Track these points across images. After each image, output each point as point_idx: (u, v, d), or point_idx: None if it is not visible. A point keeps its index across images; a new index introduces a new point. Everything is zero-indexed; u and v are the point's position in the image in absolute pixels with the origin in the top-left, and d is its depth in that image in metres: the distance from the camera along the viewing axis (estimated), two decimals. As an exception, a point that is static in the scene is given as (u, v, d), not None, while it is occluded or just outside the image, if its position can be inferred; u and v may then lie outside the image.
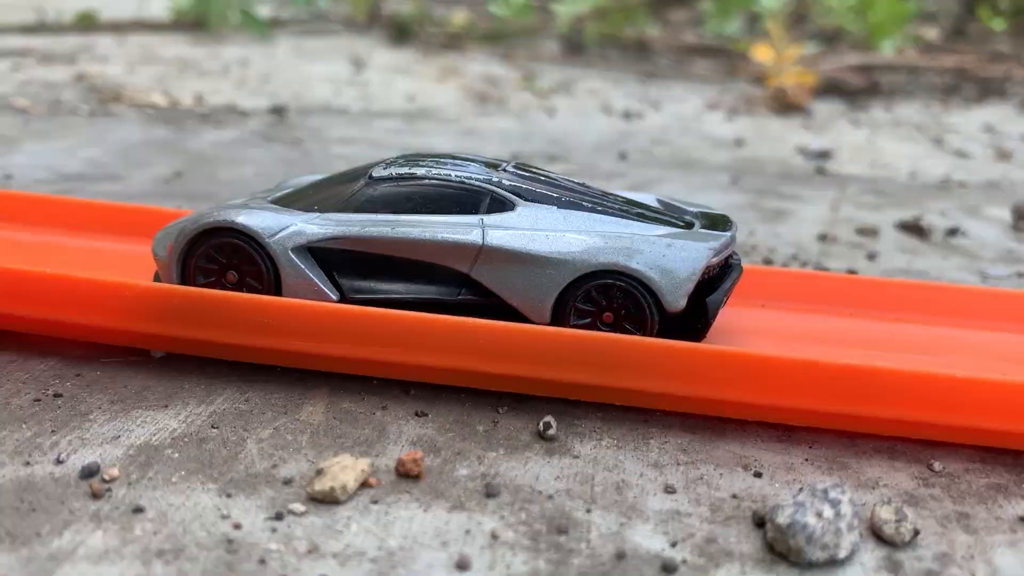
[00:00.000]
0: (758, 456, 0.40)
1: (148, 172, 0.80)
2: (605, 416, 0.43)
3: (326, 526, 0.34)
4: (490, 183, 0.44)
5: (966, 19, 2.12)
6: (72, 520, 0.34)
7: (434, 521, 0.35)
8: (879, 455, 0.41)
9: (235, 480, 0.37)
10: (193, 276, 0.44)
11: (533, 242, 0.42)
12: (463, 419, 0.42)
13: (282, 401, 0.43)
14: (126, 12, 1.92)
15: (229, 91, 1.22)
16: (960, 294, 0.52)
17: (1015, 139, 1.21)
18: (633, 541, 0.34)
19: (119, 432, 0.40)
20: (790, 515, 0.33)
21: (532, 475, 0.38)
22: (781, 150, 1.07)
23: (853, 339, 0.49)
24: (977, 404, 0.39)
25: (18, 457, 0.37)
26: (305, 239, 0.43)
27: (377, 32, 1.97)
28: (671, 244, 0.41)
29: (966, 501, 0.38)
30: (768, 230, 0.74)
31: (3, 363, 0.45)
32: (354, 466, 0.36)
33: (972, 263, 0.69)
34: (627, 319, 0.42)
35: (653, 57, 1.82)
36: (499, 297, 0.43)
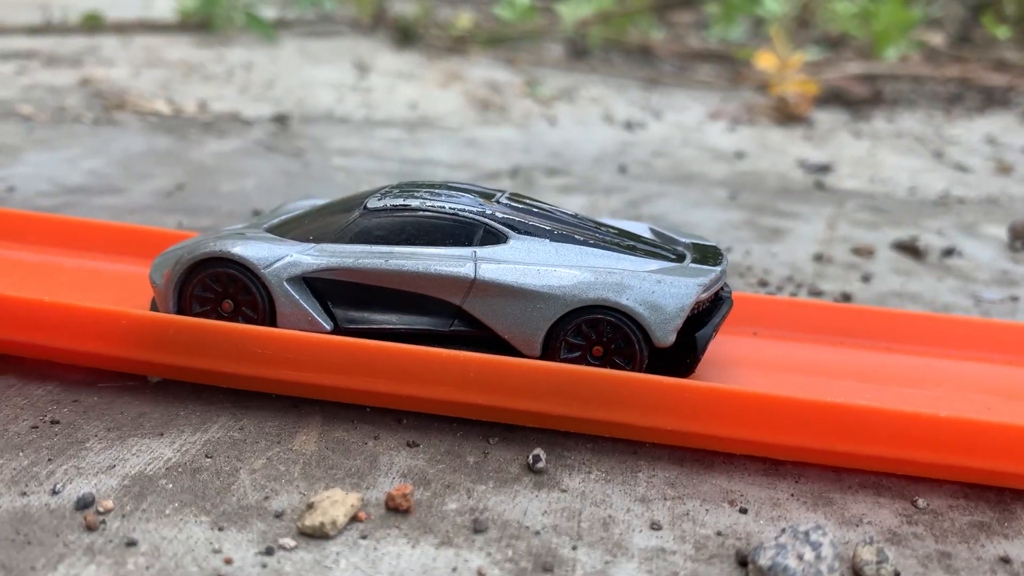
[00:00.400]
0: (744, 491, 0.41)
1: (150, 184, 0.81)
2: (595, 448, 0.44)
3: (315, 562, 0.35)
4: (483, 215, 0.44)
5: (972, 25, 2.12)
6: (67, 553, 0.34)
7: (422, 558, 0.35)
8: (864, 490, 0.42)
9: (227, 513, 0.37)
10: (189, 304, 0.45)
11: (525, 276, 0.42)
12: (454, 449, 0.43)
13: (276, 429, 0.43)
14: (132, 12, 1.92)
15: (233, 97, 1.22)
16: (949, 324, 0.53)
17: (1016, 151, 1.21)
18: (617, 580, 0.35)
19: (115, 461, 0.40)
20: (772, 557, 0.34)
21: (520, 510, 0.39)
22: (781, 163, 1.08)
23: (843, 370, 0.49)
24: (960, 443, 0.39)
25: (15, 487, 0.38)
26: (300, 270, 0.43)
27: (382, 34, 1.97)
28: (661, 280, 0.42)
29: (948, 540, 0.38)
30: (764, 250, 0.74)
31: (2, 388, 0.46)
32: (344, 500, 0.37)
33: (966, 285, 0.69)
34: (616, 353, 0.42)
35: (657, 63, 1.82)
36: (490, 329, 0.43)
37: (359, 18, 2.10)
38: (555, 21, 1.99)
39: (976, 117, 1.46)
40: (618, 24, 1.94)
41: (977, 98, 1.60)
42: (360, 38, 1.94)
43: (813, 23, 2.17)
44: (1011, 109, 1.53)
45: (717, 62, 1.84)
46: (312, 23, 2.03)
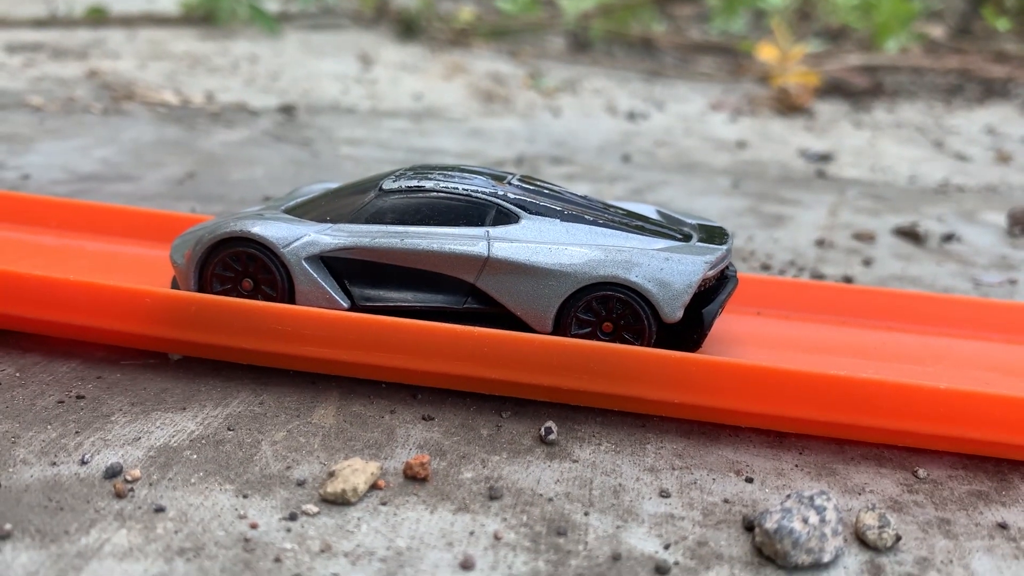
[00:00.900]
0: (750, 462, 0.42)
1: (161, 173, 0.82)
2: (604, 421, 0.45)
3: (338, 526, 0.36)
4: (496, 196, 0.45)
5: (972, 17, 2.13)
6: (98, 519, 0.36)
7: (440, 523, 0.37)
8: (866, 461, 0.43)
9: (251, 481, 0.39)
10: (210, 283, 0.46)
11: (536, 254, 0.43)
12: (468, 423, 0.44)
13: (295, 404, 0.45)
14: (136, 6, 1.94)
15: (239, 89, 1.24)
16: (949, 304, 0.54)
17: (1015, 141, 1.22)
18: (628, 543, 0.36)
19: (139, 434, 0.42)
20: (777, 521, 0.35)
21: (533, 478, 0.40)
22: (783, 153, 1.09)
23: (845, 347, 0.51)
24: (959, 415, 0.41)
25: (44, 457, 0.39)
26: (318, 249, 0.45)
27: (385, 27, 1.98)
28: (669, 258, 0.43)
29: (948, 507, 0.40)
30: (767, 236, 0.76)
31: (28, 365, 0.47)
32: (364, 469, 0.38)
33: (966, 269, 0.71)
34: (626, 329, 0.44)
35: (658, 55, 1.83)
36: (503, 306, 0.44)
37: (361, 11, 2.11)
38: (556, 14, 2.00)
39: (976, 108, 1.47)
40: (620, 17, 1.96)
41: (977, 89, 1.61)
42: (362, 31, 1.95)
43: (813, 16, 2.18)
44: (1010, 100, 1.54)
45: (718, 54, 1.85)
46: (314, 16, 2.04)
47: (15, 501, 0.36)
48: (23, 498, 0.37)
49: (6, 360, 0.47)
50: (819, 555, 0.35)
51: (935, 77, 1.68)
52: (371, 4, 2.11)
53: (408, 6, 2.04)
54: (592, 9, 1.92)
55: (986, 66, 1.69)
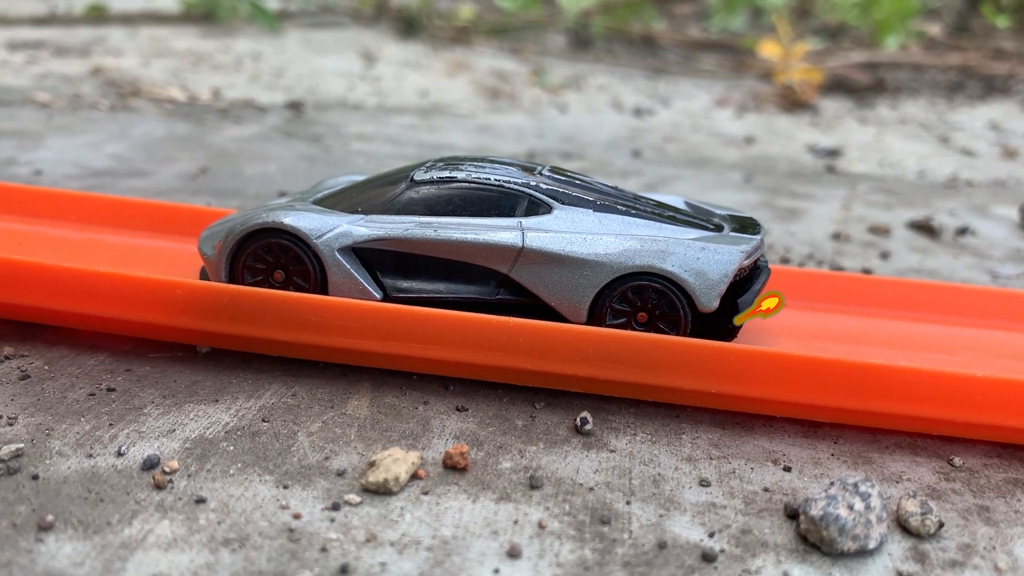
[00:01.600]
0: (786, 451, 0.42)
1: (174, 168, 0.81)
2: (638, 412, 0.45)
3: (381, 516, 0.36)
4: (528, 186, 0.45)
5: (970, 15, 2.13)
6: (139, 510, 0.35)
7: (483, 512, 0.36)
8: (901, 450, 0.43)
9: (290, 472, 0.38)
10: (241, 275, 0.46)
11: (571, 244, 0.43)
12: (502, 414, 0.44)
13: (328, 396, 0.45)
14: (135, 3, 1.93)
15: (244, 85, 1.23)
16: (974, 295, 0.54)
17: (1020, 137, 1.23)
18: (673, 532, 0.36)
19: (174, 426, 0.41)
20: (823, 508, 0.35)
21: (572, 468, 0.40)
22: (791, 148, 1.09)
23: (872, 338, 0.51)
24: (996, 402, 0.41)
25: (80, 449, 0.39)
26: (351, 240, 0.44)
27: (385, 25, 1.98)
28: (704, 247, 0.43)
29: (986, 495, 0.40)
30: (783, 229, 0.76)
31: (56, 359, 0.47)
32: (405, 459, 0.38)
33: (982, 262, 0.71)
34: (661, 319, 0.44)
35: (660, 52, 1.84)
36: (537, 297, 0.44)
37: (360, 9, 2.11)
38: (556, 12, 2.00)
39: (978, 104, 1.47)
40: (620, 14, 1.96)
41: (978, 86, 1.61)
42: (362, 29, 1.94)
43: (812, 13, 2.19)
44: (1012, 97, 1.55)
45: (719, 52, 1.85)
46: (314, 15, 2.03)
47: (55, 493, 0.36)
48: (62, 490, 0.36)
49: (33, 354, 0.47)
50: (864, 542, 0.35)
51: (936, 74, 1.68)
52: (371, 2, 2.10)
53: (408, 4, 2.03)
54: (592, 7, 1.92)
55: (987, 63, 1.69)
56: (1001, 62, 1.71)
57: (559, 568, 0.34)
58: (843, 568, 0.34)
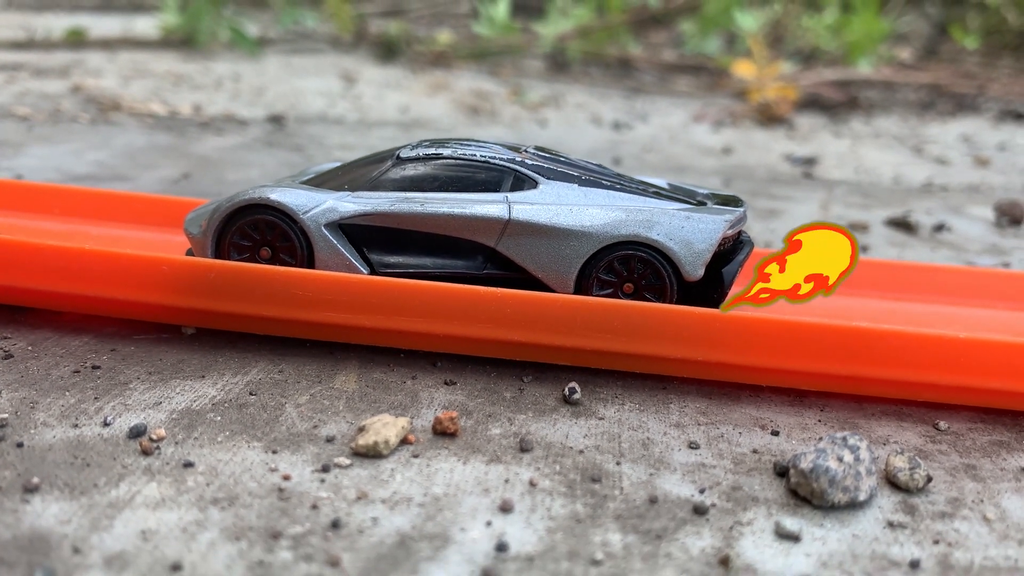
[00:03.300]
0: (773, 418, 0.43)
1: (156, 173, 0.81)
2: (625, 384, 0.45)
3: (372, 476, 0.36)
4: (514, 162, 0.46)
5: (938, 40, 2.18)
6: (126, 473, 0.35)
7: (474, 472, 0.36)
8: (887, 417, 0.43)
9: (278, 439, 0.38)
10: (228, 252, 0.46)
11: (557, 216, 0.44)
12: (490, 387, 0.44)
13: (315, 372, 0.44)
14: (114, 29, 1.93)
15: (225, 102, 1.24)
16: (951, 274, 0.55)
17: (991, 148, 1.25)
18: (664, 488, 0.36)
19: (160, 399, 0.41)
20: (812, 460, 0.35)
21: (562, 433, 0.40)
22: (767, 158, 1.10)
23: (858, 316, 0.51)
24: (979, 364, 0.41)
25: (65, 420, 0.39)
26: (338, 215, 0.45)
27: (364, 50, 1.99)
28: (689, 217, 0.44)
29: (972, 455, 0.40)
30: (763, 227, 0.77)
31: (40, 340, 0.46)
32: (395, 423, 0.38)
33: (960, 255, 0.72)
34: (647, 289, 0.44)
35: (636, 74, 1.86)
36: (524, 270, 0.44)
37: (339, 36, 2.12)
38: (534, 37, 2.02)
39: (949, 120, 1.50)
40: (596, 39, 1.98)
41: (948, 103, 1.64)
42: (342, 54, 1.95)
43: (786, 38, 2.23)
44: (981, 113, 1.58)
45: (694, 73, 1.88)
46: (293, 41, 2.05)
47: (39, 459, 0.36)
48: (48, 456, 0.36)
49: (17, 336, 0.46)
50: (855, 494, 0.35)
51: (908, 92, 1.71)
52: (350, 29, 2.12)
53: (387, 30, 2.05)
54: (568, 31, 1.95)
55: (956, 81, 1.73)
56: (970, 80, 1.75)
57: (551, 521, 0.33)
58: (835, 519, 0.35)
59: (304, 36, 2.11)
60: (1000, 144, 1.28)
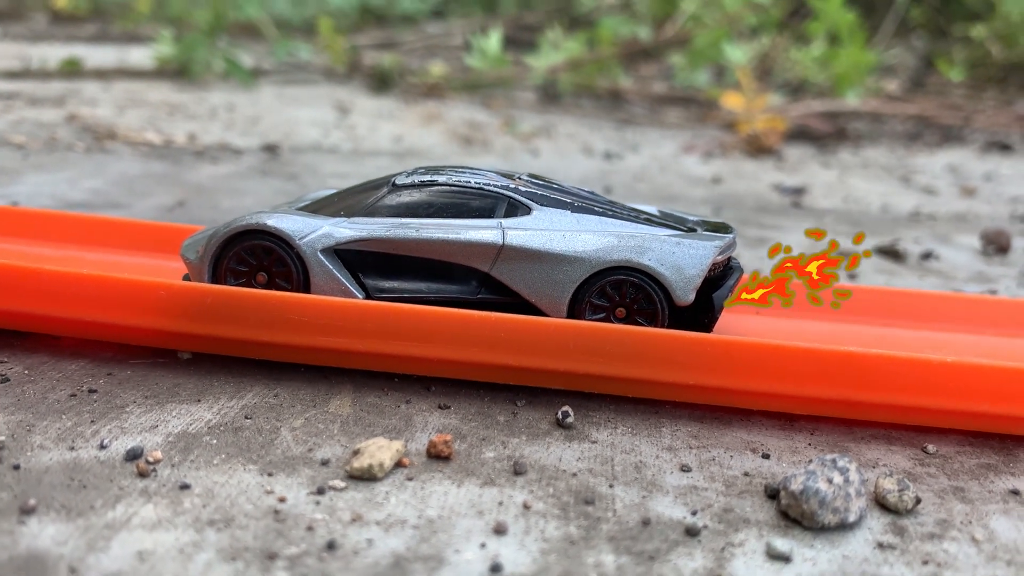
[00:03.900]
0: (764, 441, 0.43)
1: (151, 201, 0.82)
2: (617, 408, 0.45)
3: (366, 499, 0.36)
4: (507, 189, 0.46)
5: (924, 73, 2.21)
6: (122, 495, 0.35)
7: (468, 495, 0.37)
8: (876, 440, 0.44)
9: (274, 462, 0.38)
10: (224, 278, 0.46)
11: (551, 241, 0.44)
12: (484, 411, 0.44)
13: (310, 396, 0.45)
14: (109, 59, 1.95)
15: (219, 131, 1.24)
16: (939, 300, 0.55)
17: (977, 178, 1.26)
18: (656, 510, 0.36)
19: (156, 422, 0.41)
20: (803, 482, 0.36)
21: (555, 457, 0.40)
22: (756, 187, 1.12)
23: (846, 341, 0.52)
24: (967, 388, 0.42)
25: (62, 443, 0.39)
26: (334, 241, 0.45)
27: (357, 82, 2.01)
28: (680, 243, 0.44)
29: (960, 477, 0.41)
30: (753, 254, 0.77)
31: (36, 364, 0.46)
32: (389, 446, 0.38)
33: (947, 283, 0.73)
34: (639, 313, 0.44)
35: (626, 106, 1.88)
36: (518, 294, 0.45)
37: (333, 67, 2.14)
38: (525, 70, 2.04)
39: (936, 151, 1.52)
40: (587, 72, 2.00)
41: (935, 135, 1.66)
42: (336, 85, 1.97)
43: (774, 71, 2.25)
44: (967, 144, 1.60)
45: (684, 105, 1.90)
46: (287, 72, 2.06)
47: (36, 481, 0.36)
48: (44, 478, 0.36)
49: (13, 360, 0.47)
50: (845, 515, 0.35)
51: (895, 124, 1.73)
52: (343, 61, 2.14)
53: (380, 62, 2.07)
54: (559, 64, 1.97)
55: (942, 113, 1.75)
56: (956, 111, 1.77)
57: (545, 543, 0.34)
58: (825, 540, 0.35)
59: (298, 68, 2.12)
60: (986, 174, 1.30)
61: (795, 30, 2.23)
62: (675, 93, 2.00)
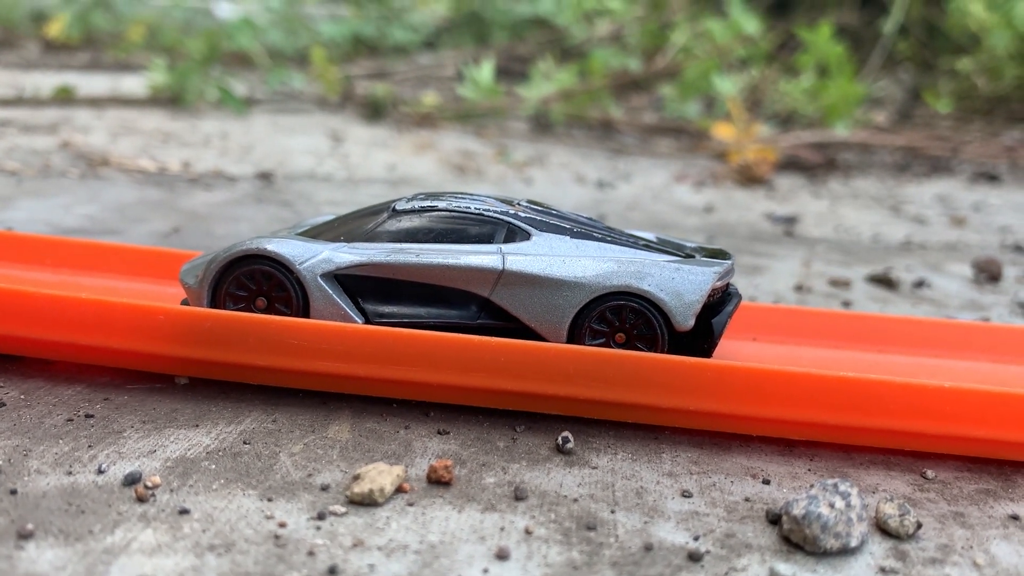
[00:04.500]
0: (764, 467, 0.43)
1: (146, 227, 0.82)
2: (618, 434, 0.45)
3: (367, 524, 0.36)
4: (507, 215, 0.47)
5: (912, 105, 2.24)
6: (121, 520, 0.35)
7: (469, 520, 0.37)
8: (875, 466, 0.44)
9: (273, 487, 0.38)
10: (223, 303, 0.46)
11: (550, 267, 0.45)
12: (483, 436, 0.44)
13: (308, 421, 0.45)
14: (102, 87, 1.95)
15: (213, 159, 1.25)
16: (936, 327, 0.56)
17: (967, 208, 1.27)
18: (658, 536, 0.36)
19: (155, 447, 0.41)
20: (804, 506, 0.36)
21: (556, 482, 0.40)
22: (749, 216, 1.12)
23: (843, 367, 0.52)
24: (964, 413, 0.42)
25: (59, 468, 0.39)
26: (334, 266, 0.45)
27: (350, 111, 2.02)
28: (679, 268, 0.44)
29: (959, 503, 0.41)
30: (747, 282, 0.78)
31: (32, 389, 0.46)
32: (390, 471, 0.38)
33: (940, 311, 0.73)
34: (638, 338, 0.45)
35: (617, 136, 1.89)
36: (517, 319, 0.45)
37: (326, 97, 2.15)
38: (518, 100, 2.06)
39: (925, 181, 1.53)
40: (579, 102, 2.02)
41: (924, 166, 1.68)
42: (329, 114, 1.98)
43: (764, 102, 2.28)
44: (956, 175, 1.61)
45: (675, 135, 1.92)
46: (280, 101, 2.07)
47: (34, 506, 0.36)
48: (42, 503, 0.36)
49: (9, 385, 0.46)
50: (847, 540, 0.35)
51: (884, 155, 1.75)
52: (336, 90, 2.15)
53: (373, 92, 2.08)
54: (551, 94, 1.98)
55: (931, 144, 1.77)
56: (944, 142, 1.79)
57: (548, 568, 0.34)
58: (827, 566, 0.35)
59: (291, 96, 2.13)
60: (975, 204, 1.31)
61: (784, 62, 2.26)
62: (666, 123, 2.01)
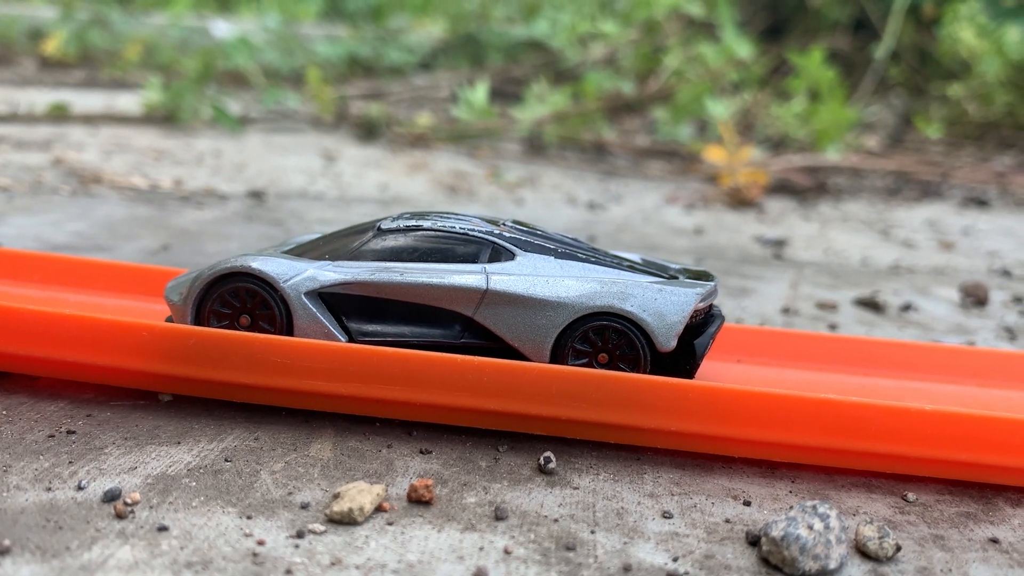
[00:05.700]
0: (745, 488, 0.43)
1: (136, 244, 0.82)
2: (600, 454, 0.45)
3: (346, 543, 0.36)
4: (492, 235, 0.47)
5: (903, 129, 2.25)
6: (99, 537, 0.35)
7: (448, 540, 0.36)
8: (857, 488, 0.44)
9: (253, 505, 0.38)
10: (207, 320, 0.46)
11: (534, 287, 0.45)
12: (466, 456, 0.44)
13: (290, 440, 0.45)
14: (96, 104, 1.96)
15: (205, 177, 1.25)
16: (922, 351, 0.56)
17: (956, 233, 1.28)
18: (638, 557, 0.36)
19: (135, 464, 0.41)
20: (783, 528, 0.36)
21: (536, 502, 0.40)
22: (738, 239, 1.13)
23: (827, 390, 0.52)
24: (946, 437, 0.42)
25: (39, 484, 0.39)
26: (318, 284, 0.45)
27: (344, 131, 2.03)
28: (662, 289, 0.45)
29: (940, 525, 0.41)
30: (735, 304, 0.78)
31: (14, 404, 0.46)
32: (370, 490, 0.38)
33: (927, 334, 0.73)
34: (621, 359, 0.45)
35: (610, 158, 1.90)
36: (501, 339, 0.45)
37: (320, 116, 2.16)
38: (511, 121, 2.07)
39: (915, 206, 1.54)
40: (572, 124, 2.03)
41: (914, 190, 1.69)
42: (323, 134, 1.99)
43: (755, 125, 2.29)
44: (946, 200, 1.62)
45: (666, 158, 1.93)
46: (274, 120, 2.08)
47: (12, 522, 0.35)
48: (19, 519, 0.36)
49: (-9, 401, 0.46)
50: (825, 561, 0.35)
51: (875, 179, 1.76)
52: (331, 110, 2.16)
53: (368, 112, 2.09)
54: (545, 116, 1.99)
55: (921, 168, 1.78)
56: (934, 167, 1.81)
57: (526, 588, 0.34)
58: (806, 588, 0.35)
59: (286, 116, 2.14)
60: (964, 229, 1.32)
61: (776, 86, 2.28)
62: (658, 146, 2.02)
